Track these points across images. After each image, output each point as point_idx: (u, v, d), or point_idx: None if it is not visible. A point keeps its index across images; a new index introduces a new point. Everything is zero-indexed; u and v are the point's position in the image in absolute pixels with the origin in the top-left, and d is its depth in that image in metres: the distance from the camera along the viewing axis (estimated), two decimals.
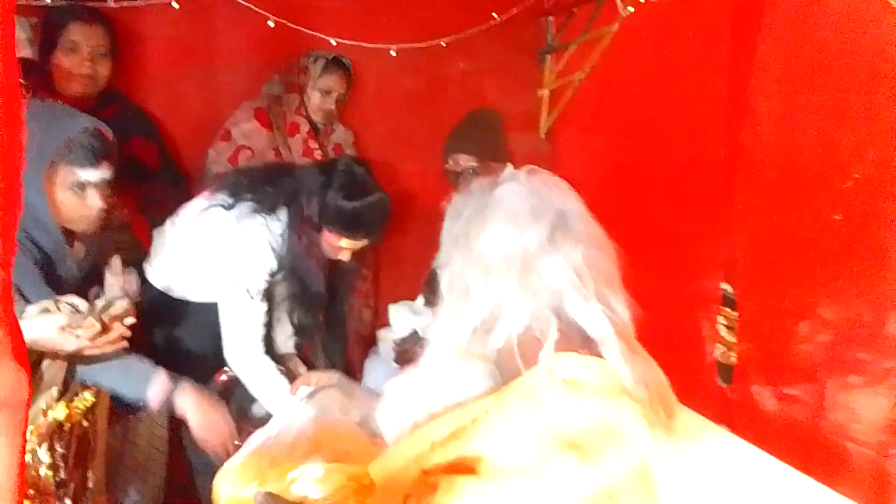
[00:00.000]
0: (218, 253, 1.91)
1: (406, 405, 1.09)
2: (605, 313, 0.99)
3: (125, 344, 1.51)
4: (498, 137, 2.42)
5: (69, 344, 1.38)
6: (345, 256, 1.92)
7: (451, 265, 1.07)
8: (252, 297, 1.85)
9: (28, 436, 1.36)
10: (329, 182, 1.84)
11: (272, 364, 1.92)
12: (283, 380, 1.90)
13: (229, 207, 1.89)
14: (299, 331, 2.13)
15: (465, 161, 2.34)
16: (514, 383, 0.97)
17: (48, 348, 1.39)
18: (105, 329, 1.43)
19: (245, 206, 1.87)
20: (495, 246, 1.01)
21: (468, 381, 1.04)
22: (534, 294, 0.99)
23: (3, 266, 0.57)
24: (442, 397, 1.03)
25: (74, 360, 1.48)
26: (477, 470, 0.91)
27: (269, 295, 1.95)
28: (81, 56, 1.93)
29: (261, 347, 1.91)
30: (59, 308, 1.39)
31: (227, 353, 1.90)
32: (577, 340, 0.99)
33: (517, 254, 1.00)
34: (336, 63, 2.37)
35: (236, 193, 1.91)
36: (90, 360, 1.50)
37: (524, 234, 1.00)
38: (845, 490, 1.33)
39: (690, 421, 1.47)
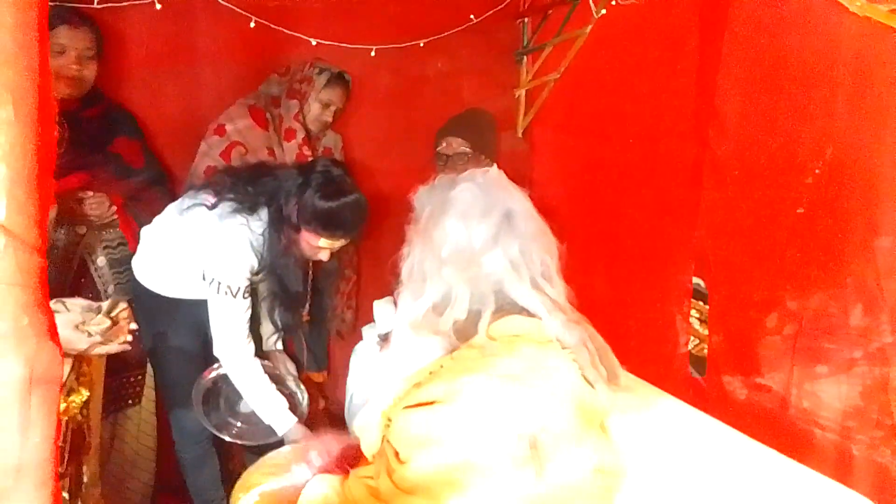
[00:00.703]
0: (200, 251, 1.94)
1: (380, 378, 1.24)
2: (539, 297, 1.13)
3: (129, 342, 1.53)
4: (491, 137, 2.48)
5: (82, 342, 1.40)
6: (324, 256, 1.96)
7: (412, 255, 1.19)
8: (234, 296, 1.89)
9: None
10: (307, 182, 1.87)
11: (258, 364, 1.96)
12: (267, 379, 1.96)
13: (212, 207, 1.92)
14: (280, 329, 2.17)
15: (459, 145, 2.39)
16: (464, 345, 1.13)
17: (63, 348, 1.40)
18: (115, 327, 1.45)
19: (226, 206, 1.90)
20: (448, 241, 1.15)
21: (426, 351, 1.19)
22: (476, 283, 1.13)
23: (40, 252, 0.61)
24: (406, 366, 1.19)
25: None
26: (431, 405, 1.05)
27: (253, 292, 1.99)
28: (68, 58, 1.94)
29: (248, 344, 1.95)
30: (67, 308, 1.41)
31: (216, 351, 1.94)
32: (517, 308, 1.14)
33: (466, 249, 1.14)
34: (339, 78, 2.41)
35: (219, 193, 1.94)
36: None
37: (473, 232, 1.14)
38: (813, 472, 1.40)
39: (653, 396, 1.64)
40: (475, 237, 1.14)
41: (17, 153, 0.61)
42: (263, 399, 1.94)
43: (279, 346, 2.29)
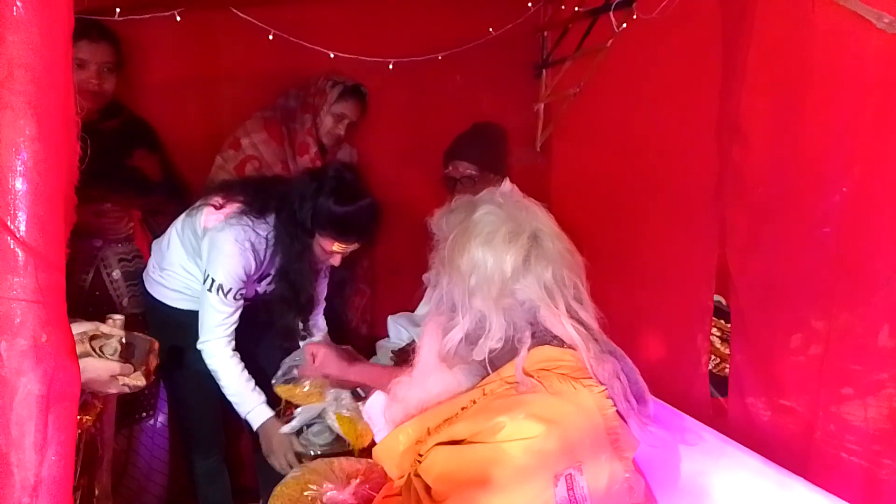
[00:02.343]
0: (201, 248, 1.94)
1: (398, 405, 1.24)
2: (575, 326, 1.11)
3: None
4: (500, 151, 2.46)
5: (114, 388, 1.39)
6: (335, 261, 1.95)
7: (439, 284, 1.17)
8: (225, 295, 1.88)
9: None
10: (320, 187, 1.87)
11: (237, 359, 1.95)
12: (244, 375, 1.94)
13: (219, 207, 1.92)
14: (287, 334, 2.14)
15: (465, 168, 2.38)
16: (496, 378, 1.12)
17: (92, 389, 1.40)
18: (148, 378, 1.45)
19: (234, 207, 1.91)
20: (477, 269, 1.12)
21: (455, 382, 1.19)
22: (510, 312, 1.11)
23: (60, 270, 0.61)
24: (432, 396, 1.18)
25: None
26: (465, 443, 1.04)
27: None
28: (89, 73, 1.95)
29: (228, 343, 1.94)
30: (94, 348, 1.39)
31: (199, 344, 1.94)
32: (550, 337, 1.13)
33: (496, 278, 1.11)
34: (353, 91, 2.41)
35: (228, 196, 1.94)
36: None
37: (502, 258, 1.11)
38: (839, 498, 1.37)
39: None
40: (505, 263, 1.11)
41: (40, 169, 0.61)
42: (239, 394, 1.93)
43: None
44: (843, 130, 1.66)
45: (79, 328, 1.39)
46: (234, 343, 1.95)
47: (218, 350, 1.92)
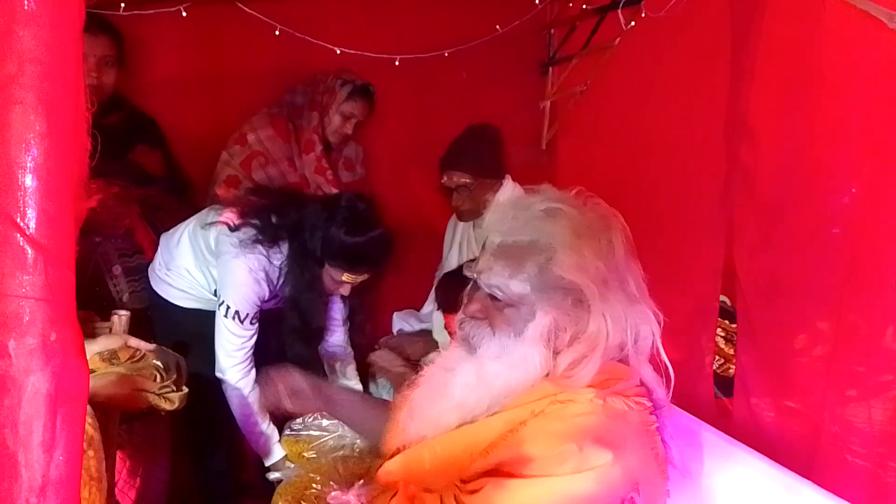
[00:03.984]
0: (216, 269, 1.94)
1: (424, 421, 1.17)
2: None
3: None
4: (493, 152, 2.43)
5: (142, 403, 1.39)
6: (345, 291, 1.94)
7: (539, 308, 1.10)
8: (242, 321, 1.88)
9: None
10: (332, 217, 1.85)
11: (257, 392, 1.92)
12: (260, 409, 1.93)
13: (234, 228, 1.91)
14: (297, 362, 2.13)
15: (459, 178, 2.36)
16: (539, 393, 1.07)
17: (121, 404, 1.40)
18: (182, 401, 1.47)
19: (249, 232, 1.89)
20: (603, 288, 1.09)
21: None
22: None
23: (69, 267, 0.60)
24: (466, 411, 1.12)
25: None
26: (515, 472, 0.98)
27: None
28: (88, 66, 1.93)
29: (248, 368, 1.94)
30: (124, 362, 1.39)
31: (217, 371, 1.94)
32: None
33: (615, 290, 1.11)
34: (362, 90, 2.39)
35: (244, 215, 1.93)
36: None
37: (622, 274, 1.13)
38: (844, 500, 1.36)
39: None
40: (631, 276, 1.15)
41: (50, 166, 0.60)
42: (253, 428, 1.94)
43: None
44: (852, 131, 1.65)
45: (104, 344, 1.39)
46: (254, 372, 1.95)
47: (243, 383, 1.93)
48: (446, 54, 2.58)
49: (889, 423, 1.63)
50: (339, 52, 2.40)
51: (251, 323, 1.90)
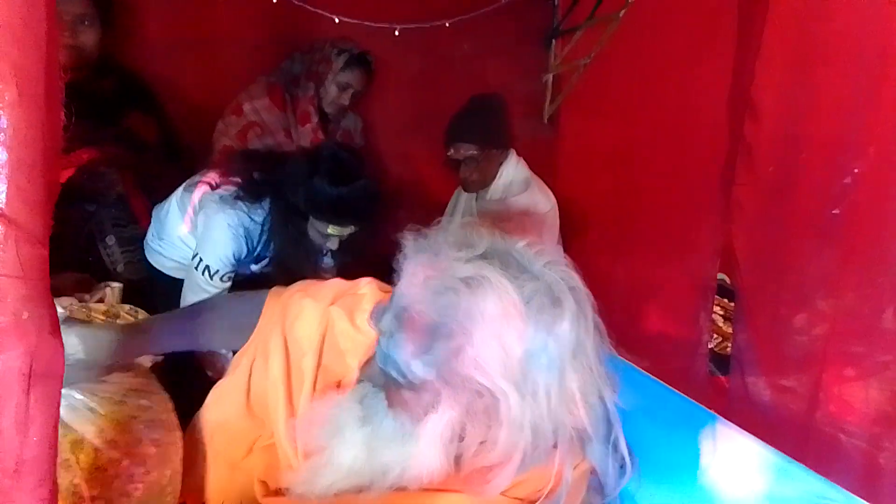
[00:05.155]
0: (196, 228, 1.92)
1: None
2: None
3: None
4: (499, 123, 2.40)
5: None
6: (332, 245, 1.90)
7: (442, 408, 0.86)
8: (211, 277, 1.86)
9: None
10: (314, 169, 1.81)
11: None
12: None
13: (215, 186, 1.88)
14: None
15: (466, 150, 2.33)
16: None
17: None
18: None
19: (230, 190, 1.86)
20: (557, 381, 0.84)
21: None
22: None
23: (43, 243, 0.58)
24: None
25: None
26: None
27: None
28: (62, 26, 1.85)
29: None
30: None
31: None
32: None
33: (573, 385, 0.85)
34: (359, 59, 2.35)
35: (225, 174, 1.90)
36: None
37: (576, 355, 0.85)
38: (837, 479, 1.36)
39: None
40: (588, 359, 0.86)
41: (21, 137, 0.58)
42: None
43: None
44: (859, 109, 1.62)
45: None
46: None
47: None
48: (447, 24, 2.52)
49: (886, 404, 1.63)
50: (337, 20, 2.35)
51: (221, 280, 1.88)
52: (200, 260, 1.85)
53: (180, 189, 1.99)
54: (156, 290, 2.04)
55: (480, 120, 2.35)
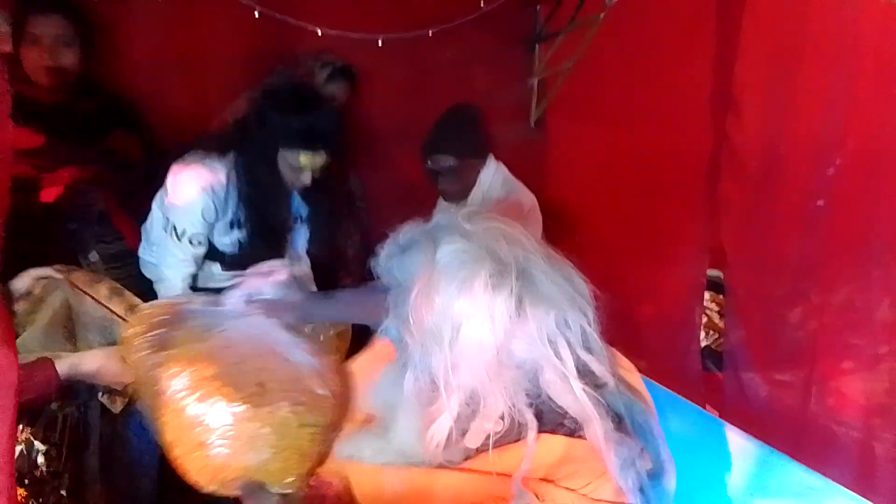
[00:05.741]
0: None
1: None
2: (586, 389, 0.87)
3: None
4: (476, 132, 2.40)
5: (126, 376, 1.35)
6: (306, 179, 1.88)
7: (408, 355, 0.89)
8: (179, 238, 1.86)
9: (22, 427, 1.38)
10: (278, 101, 1.82)
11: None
12: None
13: (182, 158, 1.89)
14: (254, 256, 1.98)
15: (444, 161, 2.33)
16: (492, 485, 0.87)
17: (109, 381, 1.37)
18: None
19: (195, 154, 1.87)
20: (458, 329, 0.85)
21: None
22: (509, 385, 0.86)
23: None
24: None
25: None
26: None
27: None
28: (42, 48, 1.88)
29: (183, 286, 1.92)
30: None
31: (155, 285, 1.93)
32: (559, 417, 0.89)
33: (485, 340, 0.85)
34: (343, 72, 2.35)
35: (190, 147, 1.91)
36: None
37: (487, 313, 0.84)
38: (832, 471, 1.35)
39: None
40: (494, 317, 0.84)
41: None
42: None
43: None
44: (838, 102, 1.63)
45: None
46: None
47: (172, 293, 1.90)
48: (430, 33, 2.52)
49: (884, 395, 1.62)
50: (320, 33, 2.36)
51: (191, 243, 1.87)
52: (167, 220, 1.86)
53: (159, 193, 1.99)
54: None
55: (457, 130, 2.35)
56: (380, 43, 2.46)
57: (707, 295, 2.34)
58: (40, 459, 1.35)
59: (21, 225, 1.79)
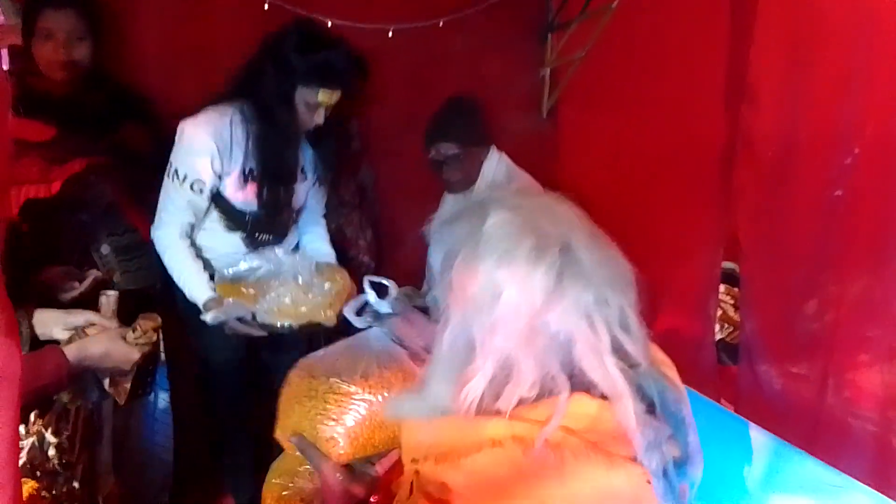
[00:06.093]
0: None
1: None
2: (619, 366, 0.88)
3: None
4: (477, 121, 2.39)
5: (134, 355, 1.37)
6: (320, 118, 1.93)
7: (451, 321, 0.93)
8: (181, 182, 1.88)
9: (34, 420, 1.39)
10: (295, 41, 1.87)
11: (193, 251, 1.95)
12: (201, 266, 1.93)
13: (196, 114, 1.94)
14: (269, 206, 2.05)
15: (447, 149, 2.32)
16: (513, 428, 0.89)
17: (118, 361, 1.38)
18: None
19: (210, 107, 1.93)
20: (496, 300, 0.88)
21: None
22: (543, 353, 0.88)
23: None
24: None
25: None
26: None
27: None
28: (56, 43, 1.90)
29: (183, 232, 1.94)
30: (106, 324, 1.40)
31: (151, 233, 1.95)
32: (590, 389, 0.89)
33: (522, 310, 0.88)
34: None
35: (207, 104, 1.96)
36: None
37: (529, 282, 0.87)
38: (849, 465, 1.33)
39: None
40: (534, 288, 0.87)
41: None
42: (183, 276, 1.93)
43: None
44: (857, 89, 1.59)
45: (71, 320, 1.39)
46: (189, 239, 1.96)
47: (169, 240, 1.92)
48: (441, 23, 2.51)
49: None
50: (330, 23, 2.35)
51: (192, 189, 1.88)
52: (170, 164, 1.89)
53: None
54: (176, 292, 2.02)
55: (458, 119, 2.36)
56: (390, 33, 2.45)
57: (722, 287, 2.31)
58: (52, 452, 1.36)
59: (32, 219, 1.83)
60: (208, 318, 1.84)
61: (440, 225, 1.01)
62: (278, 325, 1.85)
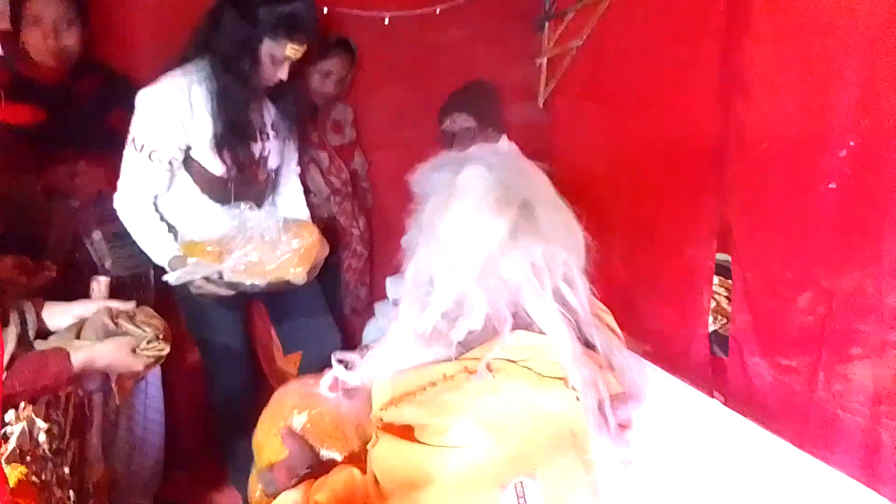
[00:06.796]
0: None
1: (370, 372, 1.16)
2: (561, 311, 0.99)
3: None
4: (495, 107, 2.40)
5: (137, 367, 1.38)
6: (283, 73, 1.88)
7: (417, 254, 1.04)
8: (139, 151, 1.83)
9: (24, 405, 1.38)
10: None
11: (156, 215, 1.91)
12: (164, 228, 1.90)
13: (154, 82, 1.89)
14: (239, 165, 1.99)
15: (463, 121, 2.32)
16: (462, 367, 0.98)
17: (120, 371, 1.40)
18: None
19: (168, 73, 1.87)
20: (459, 238, 0.99)
21: (432, 357, 1.04)
22: (493, 292, 0.98)
23: None
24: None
25: None
26: (414, 436, 0.96)
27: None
28: (45, 29, 1.88)
29: (142, 199, 1.90)
30: (115, 322, 1.40)
31: (115, 201, 1.91)
32: (530, 326, 1.00)
33: (479, 251, 0.98)
34: (339, 45, 2.33)
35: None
36: None
37: (488, 228, 0.98)
38: (838, 458, 1.34)
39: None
40: (491, 235, 0.98)
41: None
42: (146, 239, 1.90)
43: None
44: (851, 81, 1.59)
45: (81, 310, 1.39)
46: (153, 205, 1.92)
47: (130, 207, 1.89)
48: (437, 11, 2.50)
49: (890, 382, 1.60)
50: (325, 10, 2.33)
51: (149, 158, 1.84)
52: (129, 133, 1.85)
53: None
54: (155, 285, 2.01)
55: (478, 98, 2.36)
56: (386, 20, 2.44)
57: (715, 279, 2.32)
58: (42, 438, 1.35)
59: (23, 206, 1.82)
60: (172, 278, 1.82)
61: (423, 172, 1.12)
62: (247, 284, 1.82)
